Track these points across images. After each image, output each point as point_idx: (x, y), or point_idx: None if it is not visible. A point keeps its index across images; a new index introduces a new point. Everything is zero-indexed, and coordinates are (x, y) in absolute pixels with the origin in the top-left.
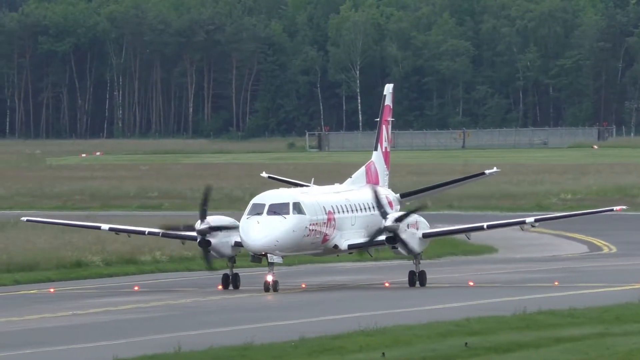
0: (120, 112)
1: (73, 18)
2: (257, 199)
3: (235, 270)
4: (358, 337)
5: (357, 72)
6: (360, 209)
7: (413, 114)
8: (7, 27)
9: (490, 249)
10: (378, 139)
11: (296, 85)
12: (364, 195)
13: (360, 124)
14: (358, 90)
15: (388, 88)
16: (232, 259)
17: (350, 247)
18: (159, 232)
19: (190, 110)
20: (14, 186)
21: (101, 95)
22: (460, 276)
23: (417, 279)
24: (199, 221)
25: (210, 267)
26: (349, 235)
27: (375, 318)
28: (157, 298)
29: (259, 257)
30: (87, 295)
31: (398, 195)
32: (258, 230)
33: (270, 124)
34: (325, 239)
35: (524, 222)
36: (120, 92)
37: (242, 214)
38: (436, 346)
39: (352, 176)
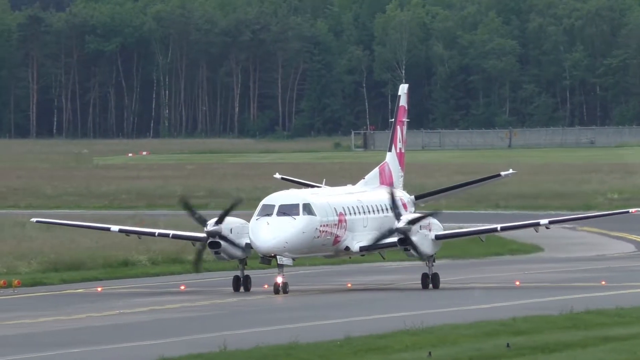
0: (167, 111)
1: (120, 18)
2: (266, 200)
3: (246, 272)
4: (403, 336)
5: (403, 72)
6: (373, 211)
7: (459, 113)
8: (55, 27)
9: (536, 249)
10: (392, 139)
11: (342, 85)
12: (377, 196)
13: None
14: None
15: (403, 88)
16: (242, 261)
17: (362, 249)
18: (169, 234)
19: (236, 109)
20: (62, 185)
21: (148, 95)
22: (506, 275)
23: (430, 281)
24: (214, 221)
25: (197, 270)
26: (361, 237)
27: (421, 317)
28: (203, 297)
29: (268, 259)
30: (133, 294)
31: (412, 196)
32: (267, 231)
33: (316, 124)
34: (336, 240)
35: (538, 224)
36: (167, 91)
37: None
38: (482, 345)
39: (366, 177)
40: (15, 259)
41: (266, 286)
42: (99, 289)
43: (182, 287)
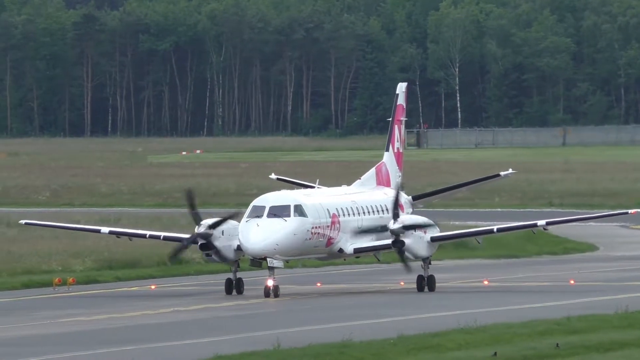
0: (220, 110)
1: (173, 16)
2: (257, 201)
3: (238, 275)
4: (457, 334)
5: (456, 70)
6: (368, 212)
7: (513, 112)
8: (109, 26)
9: (591, 247)
10: (390, 139)
11: (395, 83)
12: (373, 197)
13: (459, 121)
14: (457, 87)
15: (401, 87)
16: (235, 263)
17: (357, 250)
18: (159, 236)
19: (289, 108)
20: (116, 184)
21: (201, 94)
22: (561, 274)
23: (425, 283)
24: (208, 224)
25: (174, 259)
26: (355, 239)
27: (475, 316)
28: (256, 295)
29: (258, 261)
30: (187, 292)
31: (410, 197)
32: (257, 233)
33: (368, 122)
34: (329, 242)
35: (535, 225)
36: (220, 90)
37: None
38: (536, 344)
39: (362, 178)
40: (70, 257)
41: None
42: (153, 287)
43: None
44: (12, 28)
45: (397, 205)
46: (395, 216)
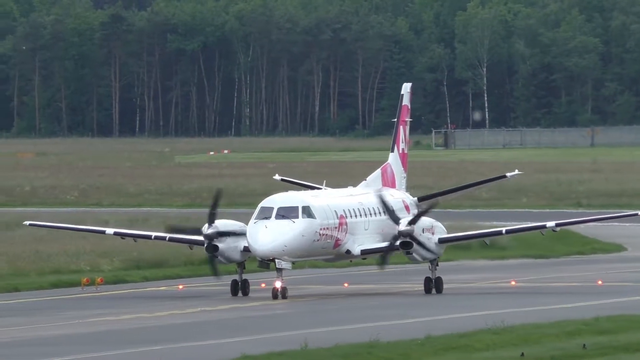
0: (248, 110)
1: (201, 17)
2: (265, 203)
3: (244, 276)
4: (485, 335)
5: (484, 70)
6: (375, 213)
7: (541, 112)
8: (137, 26)
9: (619, 247)
10: (395, 140)
11: (422, 83)
12: None
13: (487, 121)
14: (485, 87)
15: (406, 87)
16: (241, 265)
17: (364, 252)
18: (165, 237)
19: (317, 108)
20: (144, 184)
21: (229, 94)
22: (589, 275)
23: (433, 285)
24: (207, 225)
25: (216, 274)
26: (362, 240)
27: (503, 316)
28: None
29: (266, 263)
30: (215, 292)
31: (415, 198)
32: (266, 234)
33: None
34: (337, 243)
35: (544, 227)
36: (248, 90)
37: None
38: (565, 345)
39: (367, 179)
40: (98, 257)
41: (263, 285)
42: (180, 287)
43: (263, 285)
44: (40, 28)
45: (388, 209)
46: (396, 220)
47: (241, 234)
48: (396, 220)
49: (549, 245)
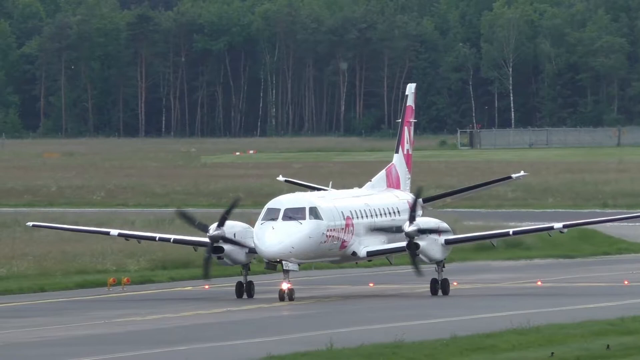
0: (274, 110)
1: (227, 17)
2: (271, 204)
3: (249, 278)
4: (510, 335)
5: (510, 69)
6: (380, 214)
7: (567, 111)
8: (163, 26)
9: None
10: (400, 141)
11: (448, 83)
12: (385, 199)
13: (513, 121)
14: (511, 87)
15: (410, 88)
16: (246, 266)
17: (370, 254)
18: (170, 239)
19: (342, 108)
20: (170, 184)
21: (255, 94)
22: (615, 275)
23: (439, 287)
24: (215, 225)
25: (206, 276)
26: (368, 242)
27: (528, 316)
28: (309, 295)
29: (273, 264)
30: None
31: (420, 200)
32: (273, 236)
33: (421, 122)
34: (343, 245)
35: (552, 228)
36: (274, 90)
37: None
38: (590, 345)
39: (372, 180)
40: (124, 257)
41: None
42: (206, 287)
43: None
44: (66, 28)
45: (414, 209)
46: (412, 219)
47: (243, 246)
48: (412, 219)
49: (575, 246)
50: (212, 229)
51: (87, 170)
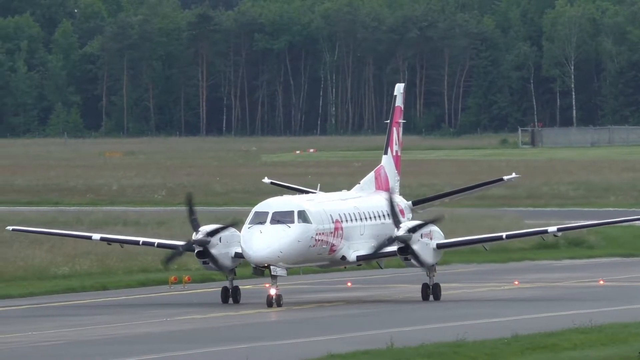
0: (334, 109)
1: (288, 16)
2: (259, 207)
3: (235, 283)
4: (572, 334)
5: (572, 67)
6: (370, 218)
7: (629, 109)
8: (224, 26)
9: None
10: (388, 142)
11: (509, 81)
12: (374, 202)
13: (575, 119)
14: (572, 85)
15: (399, 88)
16: (231, 271)
17: (359, 258)
18: (154, 243)
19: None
20: (230, 183)
21: (315, 93)
22: None
23: (430, 292)
24: (206, 231)
25: (166, 268)
26: (358, 246)
27: (591, 315)
28: (368, 295)
29: (261, 269)
30: (300, 290)
31: (410, 202)
32: (260, 240)
33: (482, 120)
34: (332, 249)
35: (545, 232)
36: (334, 89)
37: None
38: None
39: (361, 182)
40: (185, 255)
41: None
42: (267, 285)
43: (349, 284)
44: (128, 28)
45: (395, 211)
46: (397, 223)
47: (228, 227)
48: (397, 224)
49: (639, 244)
50: (202, 232)
51: (148, 170)
